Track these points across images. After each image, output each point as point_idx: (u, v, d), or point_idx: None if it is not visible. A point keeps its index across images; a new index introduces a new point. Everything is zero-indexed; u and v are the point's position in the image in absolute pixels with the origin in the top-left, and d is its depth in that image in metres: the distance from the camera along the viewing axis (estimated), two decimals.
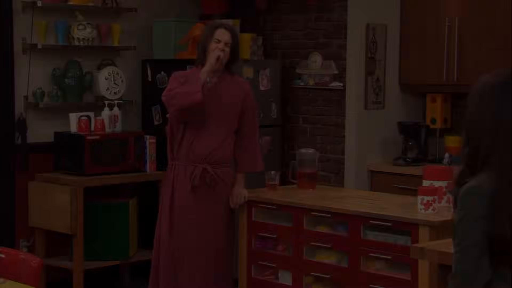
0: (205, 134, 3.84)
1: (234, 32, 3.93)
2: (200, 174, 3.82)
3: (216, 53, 3.78)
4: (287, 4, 5.48)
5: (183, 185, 3.86)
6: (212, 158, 3.85)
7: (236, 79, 3.99)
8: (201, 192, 3.87)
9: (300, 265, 3.90)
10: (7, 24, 4.72)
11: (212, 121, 3.85)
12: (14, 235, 4.81)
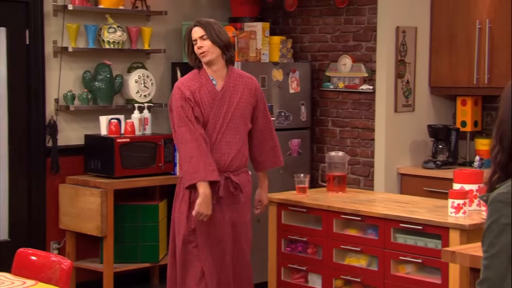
0: (222, 143, 3.60)
1: (205, 24, 3.59)
2: (223, 184, 3.59)
3: (202, 58, 3.57)
4: (316, 6, 5.46)
5: None
6: (233, 166, 3.63)
7: (243, 75, 3.71)
8: (225, 203, 3.63)
9: (330, 268, 3.88)
10: (39, 27, 4.77)
11: (228, 128, 3.61)
12: (45, 237, 4.86)
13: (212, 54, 3.57)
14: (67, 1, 4.88)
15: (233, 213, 3.66)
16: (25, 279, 2.78)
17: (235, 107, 3.63)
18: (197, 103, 3.57)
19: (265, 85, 5.19)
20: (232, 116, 3.62)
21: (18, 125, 4.77)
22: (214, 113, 3.59)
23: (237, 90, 3.65)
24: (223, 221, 3.62)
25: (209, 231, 3.58)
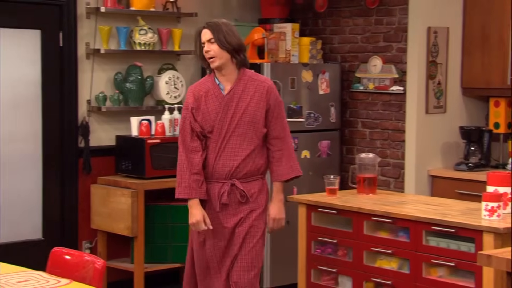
0: (227, 149, 3.43)
1: (213, 26, 3.42)
2: (228, 191, 3.45)
3: (210, 63, 3.43)
4: (346, 7, 5.45)
5: (210, 204, 3.48)
6: (240, 173, 3.45)
7: (255, 78, 3.49)
8: (232, 212, 3.48)
9: (360, 271, 3.86)
10: (72, 29, 4.83)
11: (234, 134, 3.43)
12: (78, 236, 4.91)
13: (220, 59, 3.41)
14: (99, 3, 4.94)
15: (239, 222, 3.47)
16: (60, 278, 2.81)
17: (242, 112, 3.43)
18: (202, 110, 3.44)
19: (295, 86, 5.19)
20: (239, 121, 3.43)
21: (51, 126, 4.83)
22: (220, 118, 3.43)
23: (246, 94, 3.45)
24: (225, 230, 3.47)
25: (214, 240, 3.49)
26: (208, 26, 3.44)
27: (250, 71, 3.51)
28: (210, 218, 3.46)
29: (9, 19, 4.64)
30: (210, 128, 3.44)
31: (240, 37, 3.47)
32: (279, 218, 3.57)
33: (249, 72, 3.50)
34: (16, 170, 4.73)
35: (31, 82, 4.77)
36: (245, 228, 3.46)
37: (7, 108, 4.68)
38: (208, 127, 3.44)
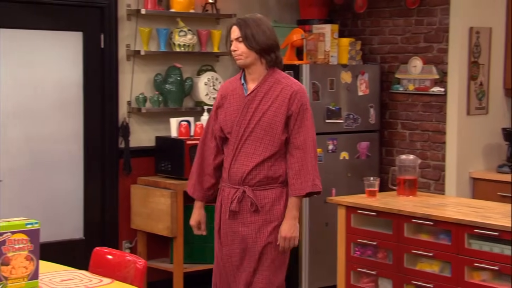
0: (242, 153, 3.22)
1: (243, 23, 3.21)
2: (240, 198, 3.23)
3: (236, 61, 3.25)
4: (386, 8, 5.41)
5: (226, 210, 3.29)
6: (253, 179, 3.22)
7: (282, 81, 3.23)
8: (242, 220, 3.26)
9: (400, 273, 3.83)
10: (113, 31, 4.88)
11: (250, 137, 3.21)
12: (118, 236, 4.96)
13: (246, 59, 3.20)
14: (140, 5, 4.98)
15: (252, 234, 3.24)
16: (102, 277, 2.84)
17: (261, 115, 3.19)
18: (225, 108, 3.28)
19: (334, 87, 5.17)
20: (256, 124, 3.20)
21: (93, 126, 4.89)
22: (238, 120, 3.23)
23: (269, 97, 3.21)
24: (238, 237, 3.26)
25: (229, 247, 3.31)
26: (238, 23, 3.23)
27: (281, 73, 3.25)
28: (223, 223, 3.29)
29: (52, 22, 4.71)
30: (230, 129, 3.25)
31: (271, 36, 3.22)
32: (290, 237, 3.21)
33: (278, 74, 3.24)
34: (59, 170, 4.80)
35: (73, 84, 4.83)
36: (260, 244, 3.22)
37: (51, 109, 4.75)
38: (227, 128, 3.26)
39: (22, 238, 2.57)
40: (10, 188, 4.59)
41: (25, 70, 4.65)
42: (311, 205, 5.04)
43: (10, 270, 2.54)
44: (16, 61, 4.61)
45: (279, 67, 3.26)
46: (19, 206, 4.60)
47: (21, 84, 4.64)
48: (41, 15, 4.66)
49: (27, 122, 4.66)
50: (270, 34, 3.21)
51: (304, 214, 5.03)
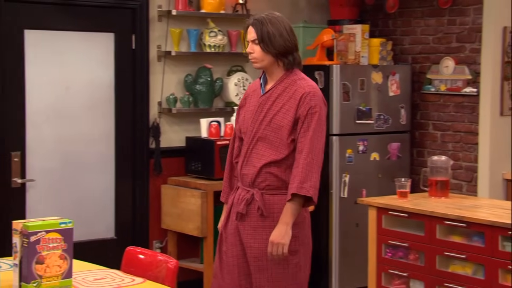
0: (253, 154, 3.12)
1: (259, 24, 3.08)
2: (248, 200, 3.12)
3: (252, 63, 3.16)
4: (418, 8, 5.36)
5: (234, 211, 3.19)
6: (263, 183, 3.10)
7: (298, 83, 3.09)
8: (249, 224, 3.14)
9: (433, 276, 3.79)
10: (144, 32, 4.91)
11: (261, 139, 3.10)
12: (148, 236, 4.99)
13: (262, 62, 3.09)
14: (171, 6, 5.01)
15: (254, 236, 3.11)
16: (134, 277, 2.85)
17: (272, 116, 3.08)
18: (245, 108, 3.20)
19: (364, 88, 5.14)
20: (267, 126, 3.09)
21: (124, 127, 4.93)
22: (252, 120, 3.13)
23: (282, 98, 3.09)
24: (238, 240, 3.16)
25: (232, 247, 3.19)
26: (254, 23, 3.09)
27: (299, 74, 3.12)
28: (232, 225, 3.18)
29: (85, 23, 4.75)
30: (245, 129, 3.16)
31: (289, 37, 3.08)
32: (278, 242, 3.01)
33: (296, 75, 3.10)
34: (91, 171, 4.84)
35: (105, 84, 4.87)
36: (264, 255, 3.07)
37: (83, 109, 4.79)
38: (244, 128, 3.18)
39: (56, 237, 2.59)
40: (43, 188, 4.64)
41: (57, 71, 4.70)
42: (341, 206, 5.02)
43: (44, 268, 2.57)
44: (49, 62, 4.66)
45: (298, 68, 3.13)
46: (51, 206, 4.65)
47: (53, 85, 4.69)
48: (73, 17, 4.71)
49: (60, 122, 4.71)
50: (288, 36, 3.08)
51: (334, 215, 5.01)
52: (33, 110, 4.60)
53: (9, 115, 4.49)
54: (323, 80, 5.04)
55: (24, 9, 4.53)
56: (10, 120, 4.49)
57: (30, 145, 4.59)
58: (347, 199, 5.03)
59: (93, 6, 4.76)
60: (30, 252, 2.54)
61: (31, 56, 4.58)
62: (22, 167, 4.54)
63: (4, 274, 2.79)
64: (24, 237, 2.55)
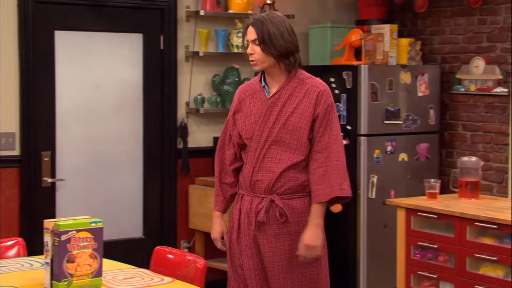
0: (267, 159, 3.00)
1: (259, 24, 2.97)
2: (267, 207, 3.01)
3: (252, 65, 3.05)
4: (448, 7, 5.31)
5: (250, 221, 3.05)
6: (281, 188, 3.01)
7: (307, 82, 3.03)
8: (270, 232, 3.03)
9: (463, 277, 3.75)
10: (172, 33, 4.93)
11: (275, 142, 3.00)
12: (176, 236, 5.01)
13: (263, 64, 2.99)
14: (199, 7, 5.02)
15: (276, 245, 3.02)
16: (163, 276, 2.86)
17: (286, 118, 2.99)
18: (244, 113, 3.07)
19: (393, 88, 5.10)
20: (281, 128, 2.99)
21: (152, 127, 4.95)
22: (260, 123, 3.01)
23: (293, 99, 3.00)
24: (256, 251, 3.05)
25: (252, 261, 3.08)
26: (254, 23, 2.98)
27: (304, 73, 3.05)
28: (244, 234, 3.06)
29: (114, 24, 4.79)
30: (250, 134, 3.03)
31: (290, 38, 2.97)
32: (313, 245, 2.98)
33: (302, 74, 3.04)
34: (120, 170, 4.87)
35: (133, 85, 4.90)
36: (290, 258, 3.02)
37: (112, 109, 4.83)
38: (247, 133, 3.04)
39: (87, 236, 2.61)
40: (73, 187, 4.69)
41: (87, 71, 4.74)
42: (369, 206, 4.99)
43: (75, 267, 2.59)
44: (78, 63, 4.70)
45: (300, 67, 3.06)
46: (81, 205, 4.69)
47: (83, 85, 4.73)
48: (103, 18, 4.74)
49: (89, 122, 4.75)
50: (289, 36, 2.97)
51: (362, 215, 4.98)
52: (63, 110, 4.64)
53: (40, 115, 4.54)
54: (351, 80, 5.01)
55: (54, 10, 4.58)
56: (41, 120, 4.54)
57: (60, 145, 4.64)
58: (375, 199, 4.99)
59: (122, 7, 4.79)
60: (61, 251, 2.56)
61: (61, 56, 4.63)
62: (52, 166, 4.59)
63: (36, 272, 2.82)
64: (55, 236, 2.58)
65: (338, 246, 5.07)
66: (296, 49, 3.00)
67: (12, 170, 4.46)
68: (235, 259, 3.12)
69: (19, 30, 4.44)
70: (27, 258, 3.09)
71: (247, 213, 3.05)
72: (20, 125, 4.48)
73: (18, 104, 4.47)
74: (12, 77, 4.46)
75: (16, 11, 4.44)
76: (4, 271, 2.83)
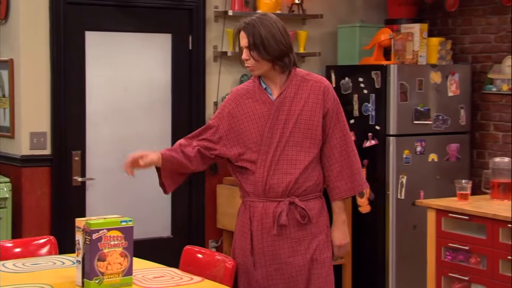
0: (282, 162, 2.92)
1: (250, 28, 2.90)
2: (287, 210, 2.93)
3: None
4: (479, 6, 5.25)
5: (265, 227, 2.96)
6: (299, 189, 2.94)
7: (308, 79, 2.98)
8: (290, 235, 2.96)
9: (495, 280, 3.70)
10: (201, 33, 4.94)
11: (289, 143, 2.93)
12: (204, 235, 5.02)
13: (260, 69, 2.93)
14: (227, 7, 5.02)
15: (296, 248, 2.95)
16: (192, 275, 2.87)
17: (297, 117, 2.93)
18: (247, 116, 2.96)
19: (422, 88, 5.06)
20: (293, 128, 2.93)
21: (180, 127, 4.96)
22: (269, 126, 2.93)
23: (299, 97, 2.94)
24: (271, 258, 2.97)
25: (267, 269, 2.98)
26: (245, 28, 2.92)
27: (302, 71, 3.01)
28: (257, 242, 2.97)
29: (143, 24, 4.81)
30: (255, 138, 2.94)
31: (283, 39, 2.90)
32: (345, 243, 3.00)
33: (301, 72, 2.99)
34: (149, 170, 4.85)
35: (162, 85, 4.92)
36: (309, 261, 2.95)
37: (141, 109, 4.85)
38: (253, 137, 2.94)
39: (117, 235, 2.63)
40: (102, 187, 4.72)
41: (116, 72, 4.77)
42: (398, 207, 4.95)
43: (106, 266, 2.60)
44: (108, 63, 4.73)
45: (295, 67, 2.99)
46: (110, 204, 4.72)
47: (112, 85, 4.76)
48: (132, 18, 4.77)
49: (118, 122, 4.78)
50: (282, 38, 2.90)
51: (391, 216, 4.94)
52: (92, 110, 4.68)
53: (71, 115, 4.58)
54: (380, 80, 4.98)
55: (85, 11, 4.62)
56: (71, 120, 4.58)
57: (90, 144, 4.67)
58: (404, 200, 4.95)
59: (151, 7, 4.81)
60: (92, 249, 2.58)
61: (92, 57, 4.66)
62: (83, 166, 4.63)
63: (67, 271, 2.84)
64: (86, 235, 2.59)
65: (367, 247, 5.03)
66: (290, 49, 2.94)
67: (43, 169, 4.51)
68: (249, 273, 2.99)
69: (50, 31, 4.49)
70: (59, 256, 3.12)
71: (261, 219, 2.96)
72: (52, 124, 4.52)
73: (49, 104, 4.52)
74: (43, 77, 4.51)
75: (48, 12, 4.49)
76: (36, 269, 2.86)
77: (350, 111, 5.13)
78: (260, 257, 2.97)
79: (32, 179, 4.47)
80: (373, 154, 5.01)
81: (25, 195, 4.45)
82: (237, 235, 3.07)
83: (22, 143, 4.47)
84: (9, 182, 4.43)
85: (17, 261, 2.97)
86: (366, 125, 5.04)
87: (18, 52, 4.46)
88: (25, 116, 4.47)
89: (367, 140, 5.03)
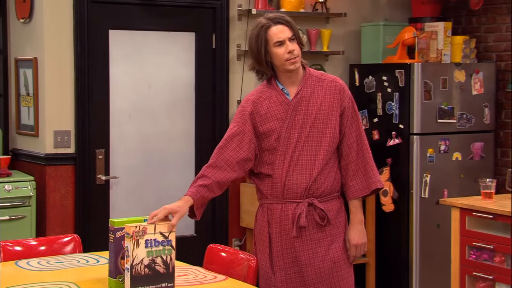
0: (301, 162, 2.91)
1: (289, 21, 2.94)
2: (306, 212, 2.92)
3: (290, 65, 2.90)
4: (504, 4, 5.20)
5: (284, 229, 2.95)
6: (318, 190, 2.93)
7: (323, 78, 2.98)
8: (309, 237, 2.94)
9: None
10: (224, 31, 4.95)
11: (307, 143, 2.92)
12: (228, 234, 5.03)
13: (299, 62, 2.93)
14: (251, 5, 5.03)
15: (316, 250, 2.94)
16: (216, 274, 2.88)
17: (314, 117, 2.92)
18: (266, 117, 2.94)
19: (446, 86, 5.02)
20: (311, 128, 2.91)
21: (204, 125, 4.98)
22: (287, 126, 2.92)
23: (316, 97, 2.94)
24: (291, 261, 2.95)
25: (286, 272, 2.97)
26: (285, 21, 2.92)
27: (315, 70, 3.02)
28: (276, 245, 2.95)
29: (166, 23, 4.83)
30: (275, 139, 2.92)
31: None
32: (362, 243, 2.98)
33: (314, 72, 3.00)
34: (172, 168, 4.92)
35: (186, 83, 4.94)
36: (331, 262, 2.94)
37: (164, 108, 4.87)
38: (272, 139, 2.93)
39: None
40: (126, 185, 4.75)
41: (140, 70, 4.79)
42: (421, 206, 4.93)
43: None
44: (132, 62, 4.76)
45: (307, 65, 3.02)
46: (134, 202, 4.75)
47: (136, 84, 4.78)
48: (156, 17, 4.79)
49: (142, 121, 4.80)
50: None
51: (415, 215, 4.92)
52: (116, 109, 4.71)
53: (94, 113, 4.61)
54: (404, 79, 4.95)
55: (109, 9, 4.65)
56: (95, 119, 4.62)
57: (114, 143, 4.70)
58: (428, 199, 4.93)
59: (175, 6, 4.83)
60: (116, 248, 2.59)
61: (115, 55, 4.69)
62: (106, 164, 4.66)
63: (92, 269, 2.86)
64: (110, 233, 2.61)
65: (391, 246, 5.01)
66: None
67: (67, 167, 4.55)
68: (268, 274, 2.98)
69: (74, 30, 4.52)
70: (83, 254, 3.14)
71: (279, 221, 2.94)
72: (75, 123, 4.56)
73: (73, 103, 4.55)
74: (67, 76, 4.54)
75: (72, 11, 4.52)
76: (61, 267, 2.89)
77: (374, 110, 5.11)
78: (279, 260, 2.95)
79: (56, 177, 4.51)
80: (396, 153, 4.99)
81: (49, 193, 4.49)
82: (255, 240, 3.06)
83: (46, 141, 4.51)
84: (33, 180, 4.47)
85: (42, 259, 3.00)
86: (389, 124, 5.02)
87: (42, 50, 4.51)
88: (49, 115, 4.51)
89: (391, 139, 5.01)
